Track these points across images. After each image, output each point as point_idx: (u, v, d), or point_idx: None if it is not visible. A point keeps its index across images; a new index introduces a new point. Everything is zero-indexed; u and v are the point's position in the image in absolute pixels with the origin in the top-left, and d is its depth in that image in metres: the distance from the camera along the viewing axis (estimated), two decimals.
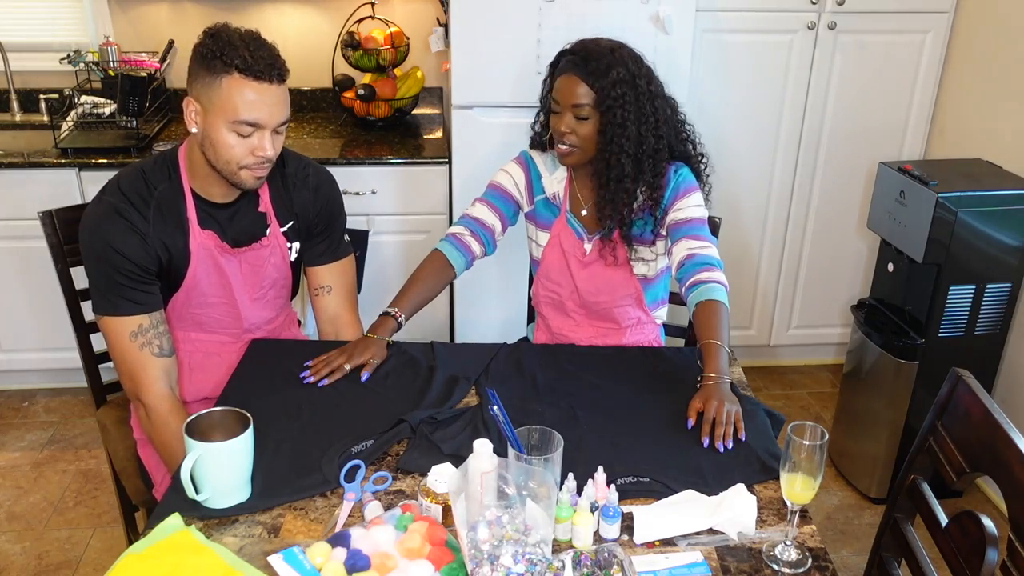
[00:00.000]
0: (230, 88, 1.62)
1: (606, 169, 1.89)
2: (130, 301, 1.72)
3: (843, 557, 2.53)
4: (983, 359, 2.62)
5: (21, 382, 3.22)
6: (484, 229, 2.04)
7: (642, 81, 1.87)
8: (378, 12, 3.13)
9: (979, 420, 1.40)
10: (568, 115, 1.87)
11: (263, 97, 1.64)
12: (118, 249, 1.69)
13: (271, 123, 1.67)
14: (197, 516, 1.41)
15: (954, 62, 2.98)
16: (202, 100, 1.66)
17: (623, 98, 1.84)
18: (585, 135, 1.88)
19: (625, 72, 1.84)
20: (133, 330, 1.73)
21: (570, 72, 1.86)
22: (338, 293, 2.01)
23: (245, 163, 1.68)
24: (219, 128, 1.65)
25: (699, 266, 1.86)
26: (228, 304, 1.86)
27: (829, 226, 3.19)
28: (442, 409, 1.69)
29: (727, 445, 1.57)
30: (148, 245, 1.72)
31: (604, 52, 1.85)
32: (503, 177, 2.07)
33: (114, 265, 1.70)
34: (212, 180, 1.76)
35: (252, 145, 1.67)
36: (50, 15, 3.21)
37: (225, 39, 1.63)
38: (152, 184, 1.75)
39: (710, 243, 1.92)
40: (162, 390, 1.75)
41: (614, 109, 1.84)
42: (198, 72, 1.65)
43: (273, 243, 1.87)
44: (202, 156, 1.72)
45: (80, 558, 2.47)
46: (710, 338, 1.73)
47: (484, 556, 1.19)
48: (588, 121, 1.86)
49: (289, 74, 1.69)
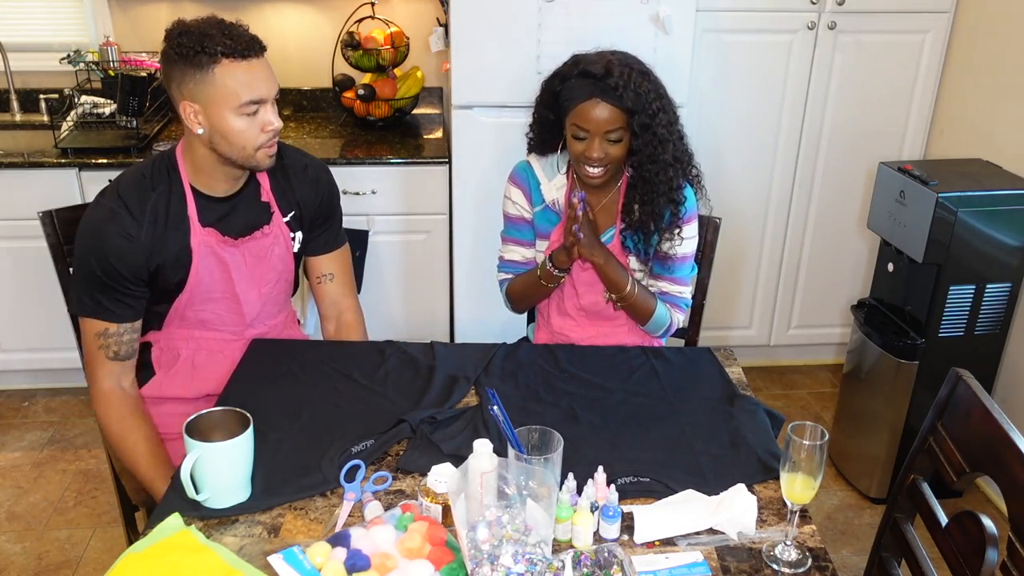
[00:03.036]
0: (224, 76, 1.64)
1: (652, 187, 1.88)
2: (104, 308, 1.75)
3: (843, 557, 2.53)
4: (983, 359, 2.62)
5: (21, 382, 3.22)
6: (525, 266, 2.09)
7: (662, 89, 1.87)
8: (378, 12, 3.13)
9: (979, 420, 1.40)
10: (598, 140, 1.84)
11: (256, 72, 1.66)
12: (106, 254, 1.71)
13: (270, 95, 1.70)
14: (197, 516, 1.41)
15: (954, 62, 2.98)
16: (199, 99, 1.67)
17: (657, 114, 1.84)
18: (618, 155, 1.87)
19: (650, 86, 1.84)
20: (99, 331, 1.76)
21: (595, 98, 1.81)
22: (339, 280, 2.05)
23: (259, 142, 1.71)
24: (226, 118, 1.67)
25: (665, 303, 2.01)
26: (231, 300, 1.87)
27: (829, 226, 3.19)
28: (442, 409, 1.69)
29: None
30: (137, 252, 1.73)
31: (619, 71, 1.81)
32: (509, 206, 2.07)
33: (99, 269, 1.72)
34: (217, 175, 1.78)
35: (261, 122, 1.70)
36: (50, 15, 3.22)
37: (197, 32, 1.64)
38: (153, 186, 1.76)
39: (687, 286, 2.02)
40: (106, 386, 1.79)
41: (653, 128, 1.83)
42: (184, 73, 1.66)
43: (276, 231, 1.88)
44: (207, 153, 1.73)
45: (80, 558, 2.47)
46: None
47: (484, 556, 1.19)
48: (620, 143, 1.86)
49: (266, 47, 1.71)
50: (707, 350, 1.94)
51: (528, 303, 2.14)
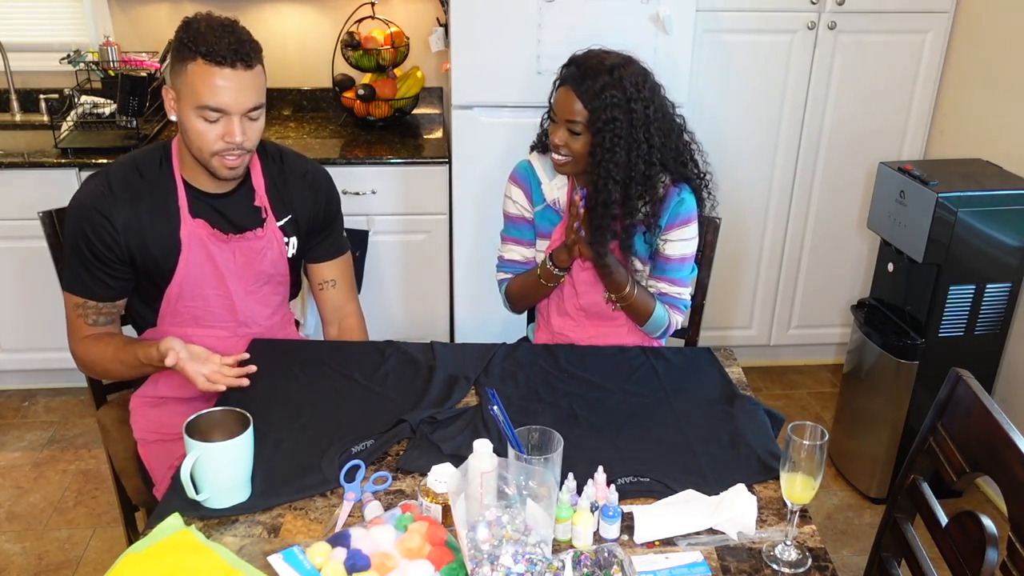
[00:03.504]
0: (194, 74, 1.65)
1: (594, 193, 1.86)
2: (84, 283, 1.79)
3: (843, 557, 2.53)
4: (983, 359, 2.62)
5: (21, 382, 3.22)
6: (524, 266, 2.09)
7: (638, 105, 1.82)
8: (378, 12, 3.13)
9: (979, 420, 1.40)
10: (563, 128, 1.86)
11: (228, 83, 1.65)
12: (85, 231, 1.75)
13: (236, 109, 1.68)
14: (197, 516, 1.41)
15: (954, 62, 2.98)
16: (176, 87, 1.70)
17: (613, 123, 1.81)
18: (577, 150, 1.87)
19: (620, 96, 1.81)
20: (78, 303, 1.81)
21: (568, 85, 1.85)
22: (341, 286, 2.06)
23: (215, 149, 1.71)
24: (188, 114, 1.69)
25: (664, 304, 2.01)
26: (222, 295, 1.87)
27: (829, 226, 3.19)
28: (442, 409, 1.69)
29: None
30: (119, 234, 1.76)
31: (603, 71, 1.81)
32: (510, 205, 2.07)
33: (82, 244, 1.76)
34: (200, 170, 1.79)
35: (220, 131, 1.69)
36: (50, 15, 3.22)
37: (195, 27, 1.66)
38: (141, 172, 1.80)
39: (686, 287, 2.01)
40: (85, 335, 1.82)
41: (603, 133, 1.82)
42: (173, 59, 1.70)
43: (269, 236, 1.88)
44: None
45: (80, 558, 2.47)
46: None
47: (484, 556, 1.19)
48: (580, 137, 1.86)
49: (259, 60, 1.70)
50: (707, 350, 1.94)
51: (527, 303, 2.14)
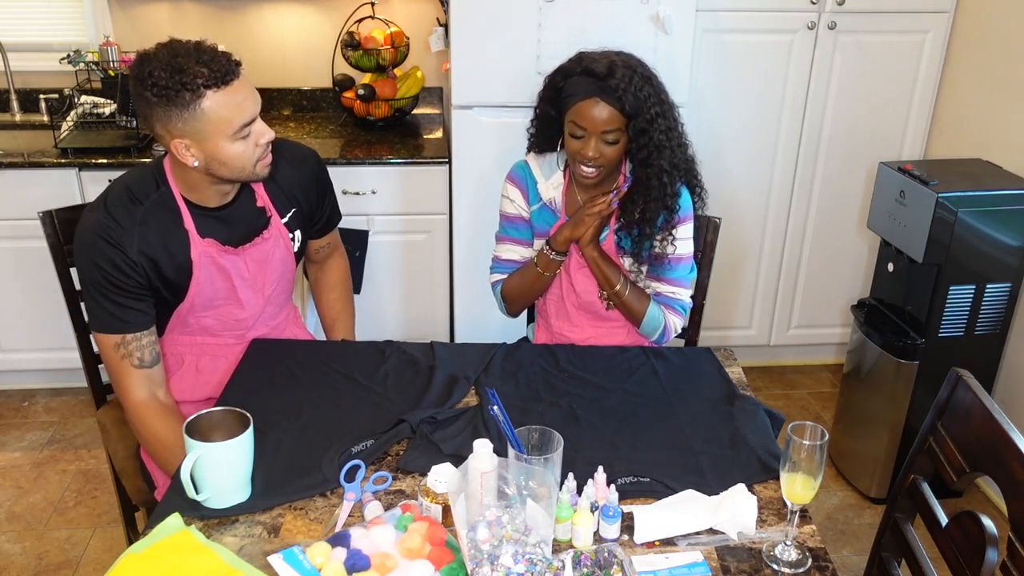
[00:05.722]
0: (212, 107, 1.61)
1: (645, 191, 1.87)
2: (116, 317, 1.73)
3: (843, 557, 2.53)
4: (983, 359, 2.62)
5: (21, 382, 3.21)
6: (518, 265, 2.08)
7: (664, 94, 1.86)
8: (378, 12, 3.13)
9: (979, 420, 1.40)
10: (595, 140, 1.83)
11: (240, 94, 1.65)
12: (101, 264, 1.70)
13: (258, 110, 1.70)
14: (197, 516, 1.41)
15: (954, 62, 2.98)
16: (190, 134, 1.64)
17: (657, 119, 1.83)
18: (614, 156, 1.86)
19: (651, 89, 1.83)
20: (116, 343, 1.74)
21: (594, 97, 1.80)
22: (331, 245, 2.16)
23: (256, 157, 1.72)
24: (222, 146, 1.66)
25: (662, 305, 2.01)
26: (234, 305, 1.87)
27: (829, 226, 3.19)
28: (442, 409, 1.69)
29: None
30: (134, 262, 1.71)
31: (623, 69, 1.80)
32: (507, 205, 2.07)
33: (99, 283, 1.71)
34: (210, 191, 1.77)
35: (255, 139, 1.70)
36: (50, 15, 3.22)
37: (168, 67, 1.58)
38: (138, 198, 1.73)
39: (684, 287, 2.00)
40: (139, 397, 1.77)
41: (650, 132, 1.82)
42: (168, 113, 1.61)
43: (276, 234, 1.88)
44: (201, 176, 1.72)
45: (80, 558, 2.47)
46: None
47: (484, 556, 1.19)
48: (617, 144, 1.85)
49: (241, 62, 1.69)
50: (707, 350, 1.94)
51: (525, 300, 2.11)
